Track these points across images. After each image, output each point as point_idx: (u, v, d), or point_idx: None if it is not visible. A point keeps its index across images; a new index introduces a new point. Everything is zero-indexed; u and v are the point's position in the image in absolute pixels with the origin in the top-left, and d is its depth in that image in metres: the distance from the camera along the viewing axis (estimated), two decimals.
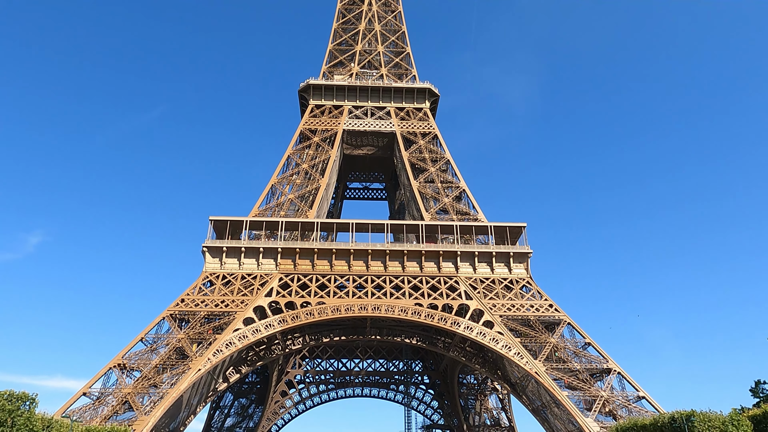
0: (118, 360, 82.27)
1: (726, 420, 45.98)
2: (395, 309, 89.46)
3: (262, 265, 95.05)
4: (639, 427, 51.20)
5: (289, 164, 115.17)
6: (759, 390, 69.88)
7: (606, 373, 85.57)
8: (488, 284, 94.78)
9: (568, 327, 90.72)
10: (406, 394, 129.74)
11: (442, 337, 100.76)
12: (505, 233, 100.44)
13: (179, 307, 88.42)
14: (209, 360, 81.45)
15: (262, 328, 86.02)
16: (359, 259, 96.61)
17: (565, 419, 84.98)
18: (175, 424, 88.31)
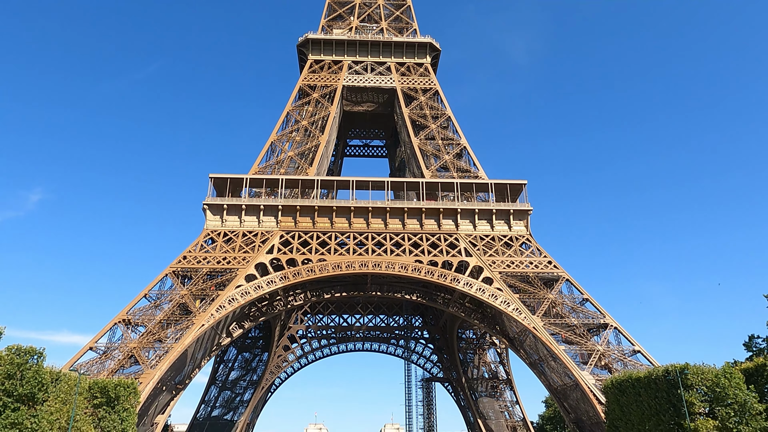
0: (122, 316, 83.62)
1: (719, 373, 47.00)
2: (395, 266, 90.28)
3: (263, 222, 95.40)
4: (633, 379, 52.36)
5: (289, 121, 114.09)
6: (752, 344, 71.16)
7: (603, 328, 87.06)
8: (488, 241, 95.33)
9: (566, 283, 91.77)
10: (406, 349, 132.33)
11: (442, 293, 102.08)
12: (506, 190, 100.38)
13: (181, 264, 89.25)
14: (212, 316, 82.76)
15: (263, 285, 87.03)
16: (360, 216, 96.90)
17: (562, 372, 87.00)
18: (181, 377, 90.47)
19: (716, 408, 46.16)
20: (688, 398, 45.53)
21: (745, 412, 44.88)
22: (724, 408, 45.50)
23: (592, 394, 78.51)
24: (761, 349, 66.44)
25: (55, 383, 39.30)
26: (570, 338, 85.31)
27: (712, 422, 45.34)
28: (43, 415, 36.05)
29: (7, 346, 36.41)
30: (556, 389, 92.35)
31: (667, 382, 47.93)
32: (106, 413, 47.24)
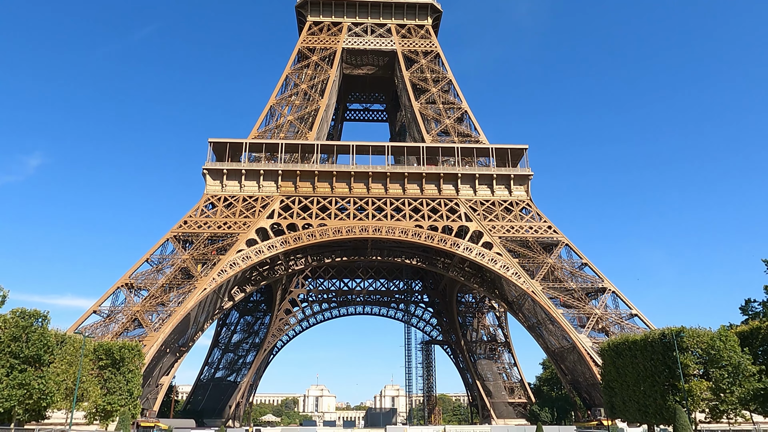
0: (125, 279, 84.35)
1: (714, 336, 47.64)
2: (396, 231, 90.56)
3: (263, 187, 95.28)
4: (630, 342, 53.10)
5: (288, 84, 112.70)
6: (748, 308, 71.85)
7: (601, 292, 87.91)
8: (488, 206, 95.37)
9: (565, 248, 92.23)
10: (406, 312, 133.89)
11: (442, 258, 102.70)
12: (507, 155, 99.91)
13: (182, 229, 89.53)
14: (214, 280, 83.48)
15: (264, 249, 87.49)
16: (360, 181, 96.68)
17: (559, 335, 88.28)
18: (184, 340, 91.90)
19: (710, 370, 46.97)
20: (683, 360, 46.27)
21: (739, 373, 45.67)
22: (718, 370, 46.29)
23: (588, 356, 79.83)
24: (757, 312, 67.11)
25: (61, 345, 39.91)
26: (568, 302, 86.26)
27: (705, 383, 46.20)
28: (49, 376, 36.73)
29: (12, 310, 36.86)
30: (553, 351, 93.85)
31: (663, 345, 48.63)
32: (111, 374, 48.14)
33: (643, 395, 49.65)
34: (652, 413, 48.93)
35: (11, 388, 34.04)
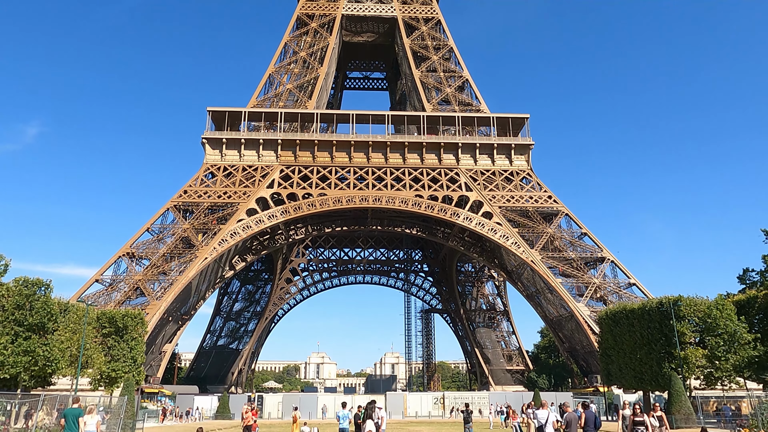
0: (126, 249, 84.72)
1: (711, 305, 48.05)
2: (396, 200, 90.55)
3: (262, 156, 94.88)
4: (628, 311, 53.60)
5: (287, 52, 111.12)
6: (746, 277, 72.28)
7: (600, 262, 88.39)
8: (488, 176, 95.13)
9: (565, 218, 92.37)
10: (406, 281, 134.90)
11: (442, 228, 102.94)
12: (508, 124, 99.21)
13: (182, 198, 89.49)
14: (215, 249, 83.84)
15: (265, 219, 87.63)
16: (360, 150, 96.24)
17: (558, 304, 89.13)
18: (186, 308, 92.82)
19: (706, 338, 47.54)
20: (680, 328, 46.78)
21: (734, 341, 46.24)
22: (714, 338, 46.84)
23: (586, 324, 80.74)
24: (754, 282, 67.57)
25: (64, 314, 40.30)
26: (567, 271, 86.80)
27: (701, 351, 46.82)
28: (54, 344, 37.19)
29: (15, 278, 37.10)
30: (551, 320, 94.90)
31: (660, 314, 49.11)
32: (115, 342, 48.75)
33: (639, 362, 50.37)
34: (647, 380, 49.72)
35: (16, 355, 34.50)
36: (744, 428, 32.24)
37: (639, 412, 19.70)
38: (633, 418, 19.75)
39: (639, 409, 19.74)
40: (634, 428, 19.44)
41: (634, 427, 19.46)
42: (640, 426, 19.42)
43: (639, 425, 19.45)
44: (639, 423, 19.51)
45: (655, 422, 21.83)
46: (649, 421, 21.53)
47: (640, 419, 19.50)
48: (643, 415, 19.61)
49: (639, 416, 19.55)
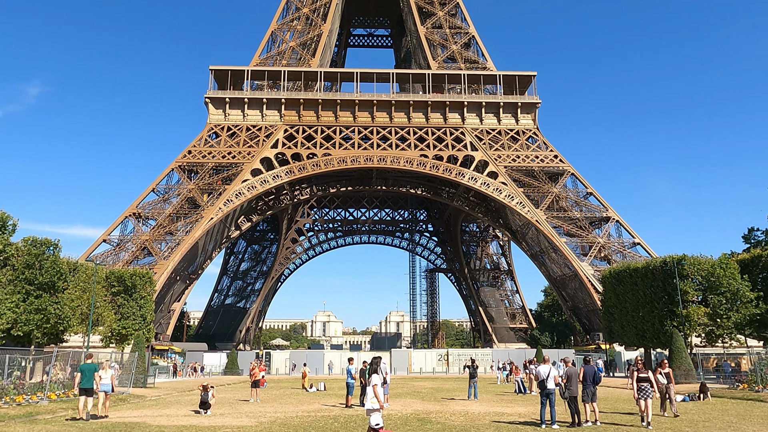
0: (133, 209, 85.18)
1: (715, 263, 48.12)
2: (400, 160, 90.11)
3: (266, 116, 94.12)
4: (631, 270, 53.79)
5: (289, 8, 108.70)
6: (751, 236, 72.28)
7: (604, 221, 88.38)
8: (494, 135, 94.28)
9: (571, 177, 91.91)
10: (410, 241, 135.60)
11: (447, 188, 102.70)
12: (514, 83, 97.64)
13: (187, 159, 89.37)
14: (220, 209, 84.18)
15: (269, 179, 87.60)
16: (364, 110, 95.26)
17: (562, 263, 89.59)
18: (193, 268, 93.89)
19: (709, 296, 47.84)
20: (683, 287, 47.02)
21: (737, 299, 46.53)
22: (717, 296, 47.13)
23: (590, 283, 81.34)
24: (759, 241, 67.56)
25: (73, 273, 40.87)
26: (572, 231, 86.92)
27: (703, 309, 47.17)
28: (65, 302, 37.84)
29: (23, 238, 37.48)
30: (555, 279, 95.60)
31: (664, 272, 49.29)
32: (124, 300, 49.54)
33: (641, 320, 50.89)
34: (649, 337, 50.33)
35: (28, 313, 35.17)
36: (743, 383, 32.79)
37: (642, 368, 18.24)
38: (637, 374, 18.22)
39: (642, 365, 18.35)
40: (638, 385, 17.96)
41: (638, 384, 17.97)
42: (644, 383, 17.92)
43: (643, 381, 17.95)
44: (643, 380, 17.99)
45: (663, 379, 20.89)
46: (656, 377, 20.69)
47: (644, 375, 18.05)
48: (647, 371, 18.20)
49: (643, 372, 18.11)
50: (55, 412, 21.86)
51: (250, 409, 23.29)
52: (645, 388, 17.70)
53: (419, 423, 17.93)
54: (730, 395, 29.22)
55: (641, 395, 17.59)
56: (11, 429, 16.98)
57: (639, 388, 17.81)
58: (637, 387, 17.85)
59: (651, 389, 17.69)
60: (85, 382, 19.52)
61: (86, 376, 19.62)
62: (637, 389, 17.81)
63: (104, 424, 18.23)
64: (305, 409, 23.17)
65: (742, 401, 26.57)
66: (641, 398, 17.54)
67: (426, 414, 20.81)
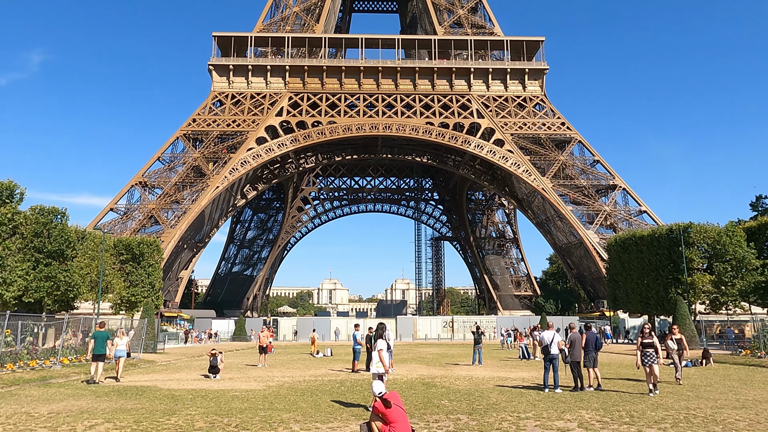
0: (138, 178, 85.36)
1: (721, 231, 47.96)
2: (406, 128, 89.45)
3: (270, 83, 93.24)
4: (637, 238, 53.73)
5: None
6: (759, 204, 71.96)
7: (611, 189, 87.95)
8: (501, 102, 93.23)
9: (578, 145, 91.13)
10: (416, 210, 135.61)
11: (452, 156, 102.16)
12: (522, 48, 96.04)
13: (191, 127, 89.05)
14: (226, 178, 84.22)
15: (275, 147, 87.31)
16: (369, 77, 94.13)
17: (568, 231, 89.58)
18: (200, 236, 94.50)
19: (714, 264, 47.84)
20: (689, 255, 47.02)
21: (742, 267, 46.52)
22: (722, 264, 47.13)
23: (595, 251, 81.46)
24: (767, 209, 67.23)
25: (82, 241, 41.20)
26: (578, 199, 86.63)
27: (708, 277, 47.24)
28: (74, 270, 38.28)
29: (31, 206, 37.69)
30: (560, 247, 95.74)
31: (670, 240, 49.24)
32: (132, 268, 50.04)
33: (646, 288, 51.08)
34: (653, 305, 50.60)
35: (39, 281, 35.63)
36: (745, 350, 33.03)
37: (648, 333, 17.18)
38: (641, 339, 17.15)
39: (648, 330, 17.28)
40: (643, 351, 16.95)
41: (643, 350, 16.96)
42: (648, 348, 16.88)
43: (648, 347, 16.92)
44: (648, 345, 16.95)
45: (673, 345, 20.13)
46: (667, 343, 20.32)
47: (648, 341, 16.97)
48: (651, 336, 17.12)
49: (647, 338, 17.04)
50: (68, 376, 22.37)
51: (258, 374, 23.74)
52: (650, 354, 16.83)
53: (424, 387, 18.25)
54: (732, 361, 29.50)
55: (645, 361, 16.78)
56: (26, 392, 17.42)
57: (644, 353, 16.90)
58: (642, 353, 16.95)
59: (656, 356, 16.81)
60: (97, 348, 20.22)
61: (99, 343, 20.29)
62: (642, 355, 16.94)
63: (116, 387, 18.66)
64: (312, 374, 23.59)
65: (744, 367, 26.84)
66: (645, 364, 16.73)
67: (431, 379, 21.16)
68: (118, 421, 11.87)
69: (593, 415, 12.65)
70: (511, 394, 16.33)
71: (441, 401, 14.92)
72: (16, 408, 13.94)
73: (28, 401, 15.22)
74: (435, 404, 14.38)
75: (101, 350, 20.26)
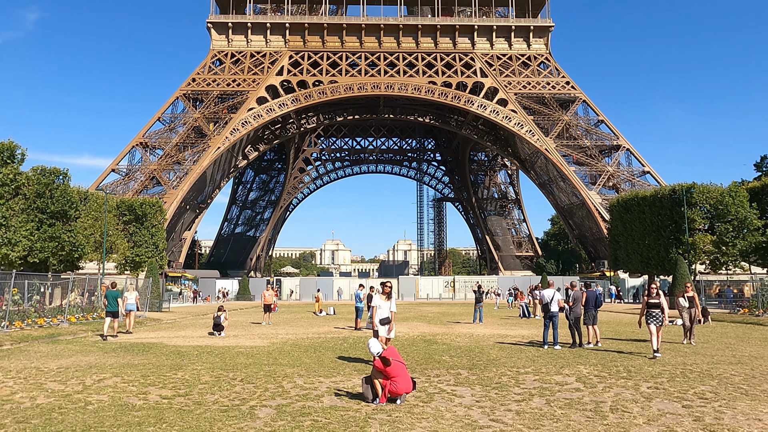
0: (139, 139, 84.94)
1: (724, 191, 47.78)
2: (408, 87, 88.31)
3: (270, 42, 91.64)
4: (640, 198, 53.64)
5: None
6: (763, 164, 71.52)
7: (615, 150, 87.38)
8: (505, 61, 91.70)
9: (582, 105, 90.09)
10: (418, 170, 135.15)
11: (455, 116, 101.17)
12: (527, 4, 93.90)
13: (191, 87, 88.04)
14: (227, 138, 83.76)
15: (275, 107, 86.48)
16: (371, 34, 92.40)
17: (570, 192, 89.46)
18: (202, 197, 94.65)
19: (716, 224, 47.90)
20: (691, 215, 47.03)
21: (744, 227, 46.58)
22: (724, 224, 47.19)
23: (597, 212, 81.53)
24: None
25: (84, 202, 41.29)
26: (581, 159, 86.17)
27: (709, 237, 47.37)
28: (78, 230, 38.50)
29: (32, 167, 37.60)
30: (563, 208, 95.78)
31: (672, 201, 49.19)
32: (136, 229, 50.31)
33: (647, 248, 51.31)
34: (654, 265, 50.93)
35: (43, 241, 35.86)
36: (744, 308, 33.40)
37: (655, 293, 16.01)
38: (647, 299, 16.01)
39: (656, 290, 16.12)
40: (648, 311, 15.89)
41: (648, 310, 15.89)
42: (654, 309, 15.77)
43: (653, 308, 15.80)
44: (654, 306, 15.82)
45: (684, 303, 19.13)
46: (678, 302, 19.40)
47: (655, 301, 15.85)
48: (659, 296, 15.96)
49: (654, 297, 15.92)
50: (76, 333, 22.79)
51: (262, 332, 24.14)
52: (656, 315, 15.71)
53: (425, 344, 18.57)
54: (730, 319, 29.87)
55: (650, 321, 15.66)
56: (35, 348, 17.78)
57: (649, 314, 15.83)
58: (648, 313, 15.88)
59: (662, 316, 15.66)
60: (110, 306, 21.77)
61: (111, 301, 21.85)
62: (648, 316, 15.86)
63: (123, 344, 19.03)
64: (316, 331, 23.99)
65: (741, 325, 27.19)
66: (650, 324, 15.62)
67: (432, 336, 21.50)
68: (125, 376, 12.15)
69: (591, 370, 12.90)
70: (511, 351, 16.62)
71: (442, 357, 15.21)
72: (26, 363, 14.25)
73: (37, 357, 15.55)
74: (436, 360, 14.66)
75: (114, 308, 21.74)
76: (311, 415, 8.46)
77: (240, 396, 9.92)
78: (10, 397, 9.93)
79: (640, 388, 10.55)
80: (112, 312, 21.59)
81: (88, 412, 8.70)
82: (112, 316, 21.56)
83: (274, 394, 10.11)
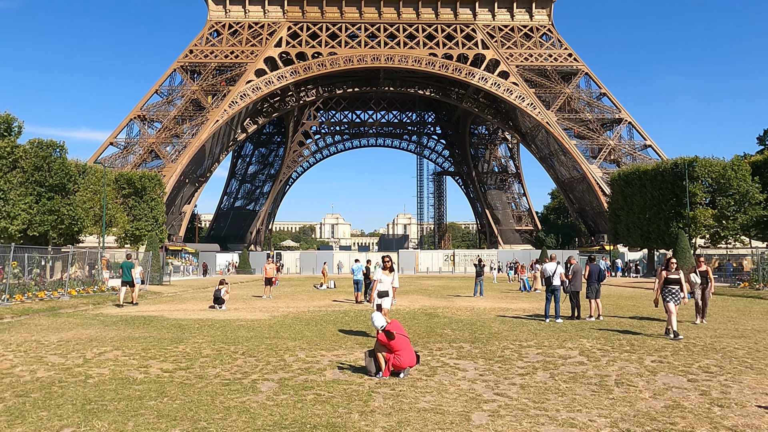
0: (137, 111, 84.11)
1: (726, 165, 47.55)
2: (409, 59, 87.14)
3: (268, 12, 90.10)
4: (641, 172, 53.38)
5: None
6: (766, 138, 71.02)
7: (617, 123, 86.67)
8: (506, 32, 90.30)
9: (584, 77, 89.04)
10: (418, 144, 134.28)
11: (456, 88, 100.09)
12: None
13: (188, 59, 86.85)
14: (226, 111, 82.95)
15: (274, 80, 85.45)
16: (371, 5, 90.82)
17: (571, 166, 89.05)
18: (201, 171, 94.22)
19: (718, 198, 47.74)
20: (692, 189, 46.85)
21: (745, 201, 46.45)
22: (725, 198, 47.04)
23: (597, 186, 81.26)
24: None
25: (83, 175, 41.00)
26: (582, 133, 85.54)
27: (710, 211, 47.26)
28: (77, 204, 38.31)
29: (29, 140, 37.24)
30: (563, 182, 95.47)
31: (674, 174, 48.95)
32: (135, 202, 50.17)
33: (647, 222, 51.26)
34: (654, 238, 50.95)
35: (42, 214, 35.70)
36: (744, 282, 33.45)
37: (674, 268, 14.65)
38: (666, 275, 14.54)
39: (675, 265, 14.81)
40: (665, 287, 14.48)
41: (665, 287, 14.48)
42: (673, 285, 14.42)
43: (673, 284, 14.44)
44: (673, 281, 14.46)
45: (696, 278, 17.67)
46: (689, 277, 17.43)
47: (674, 276, 14.48)
48: (678, 271, 14.68)
49: (673, 273, 14.54)
50: (77, 307, 22.78)
51: (263, 305, 24.15)
52: (675, 292, 14.37)
53: (427, 317, 18.55)
54: (730, 293, 29.92)
55: (669, 299, 14.27)
56: (36, 321, 17.75)
57: (668, 290, 14.42)
58: (666, 290, 14.46)
59: (682, 293, 14.36)
60: (124, 276, 23.50)
61: (125, 272, 23.51)
62: (666, 292, 14.44)
63: (124, 317, 19.01)
64: (317, 305, 24.00)
65: (742, 298, 27.24)
66: (669, 302, 14.20)
67: (433, 309, 21.51)
68: (126, 349, 12.10)
69: (594, 343, 12.86)
70: (513, 324, 16.59)
71: (444, 330, 15.17)
72: (27, 336, 14.21)
73: (38, 330, 15.51)
74: (438, 333, 14.63)
75: (128, 278, 23.36)
76: (314, 388, 8.39)
77: (242, 369, 9.87)
78: (10, 370, 9.87)
79: (644, 362, 10.50)
80: (125, 282, 23.32)
81: (88, 385, 8.64)
82: (126, 284, 23.34)
83: (276, 367, 10.05)
